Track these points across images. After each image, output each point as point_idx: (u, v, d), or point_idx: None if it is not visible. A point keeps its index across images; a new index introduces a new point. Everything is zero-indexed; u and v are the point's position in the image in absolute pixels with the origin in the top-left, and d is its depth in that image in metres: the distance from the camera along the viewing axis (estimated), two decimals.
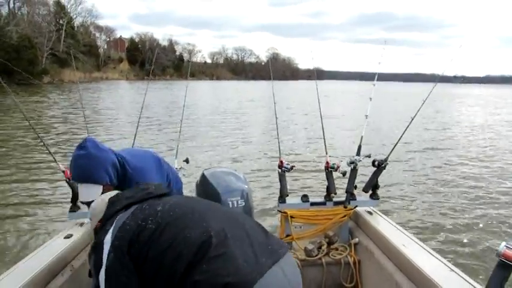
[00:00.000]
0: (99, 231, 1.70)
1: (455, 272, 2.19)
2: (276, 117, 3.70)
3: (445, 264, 2.30)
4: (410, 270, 2.36)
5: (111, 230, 1.58)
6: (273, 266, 1.48)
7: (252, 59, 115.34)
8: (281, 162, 3.21)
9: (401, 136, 3.49)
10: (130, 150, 2.53)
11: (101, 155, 2.16)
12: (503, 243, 1.74)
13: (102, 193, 2.15)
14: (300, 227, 3.24)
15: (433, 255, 2.42)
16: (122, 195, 1.80)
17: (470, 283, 2.07)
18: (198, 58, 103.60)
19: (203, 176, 2.78)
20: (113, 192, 1.91)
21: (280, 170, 3.22)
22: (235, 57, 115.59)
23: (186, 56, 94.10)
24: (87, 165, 2.10)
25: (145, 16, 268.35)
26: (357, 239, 3.16)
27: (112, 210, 1.71)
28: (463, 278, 2.14)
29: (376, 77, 3.77)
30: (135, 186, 1.84)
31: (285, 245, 1.64)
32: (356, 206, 3.26)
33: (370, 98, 3.63)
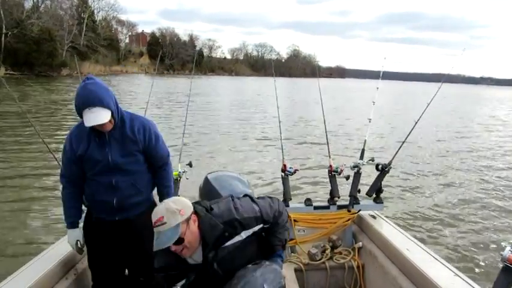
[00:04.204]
0: None
1: (460, 277, 2.19)
2: (279, 121, 3.70)
3: (449, 268, 2.30)
4: (414, 275, 2.36)
5: None
6: None
7: (273, 56, 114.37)
8: (284, 165, 3.23)
9: (405, 140, 3.49)
10: None
11: (107, 87, 2.16)
12: (508, 248, 1.74)
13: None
14: (304, 231, 3.25)
15: (437, 260, 2.42)
16: None
17: None
18: (218, 53, 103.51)
19: (206, 180, 2.78)
20: None
21: (283, 174, 3.23)
22: (255, 53, 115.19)
23: (206, 51, 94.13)
24: (97, 90, 2.06)
25: (174, 12, 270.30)
26: (360, 243, 3.16)
27: None
28: (467, 282, 2.14)
29: (381, 74, 3.77)
30: None
31: None
32: (360, 210, 3.26)
33: (373, 102, 3.61)
